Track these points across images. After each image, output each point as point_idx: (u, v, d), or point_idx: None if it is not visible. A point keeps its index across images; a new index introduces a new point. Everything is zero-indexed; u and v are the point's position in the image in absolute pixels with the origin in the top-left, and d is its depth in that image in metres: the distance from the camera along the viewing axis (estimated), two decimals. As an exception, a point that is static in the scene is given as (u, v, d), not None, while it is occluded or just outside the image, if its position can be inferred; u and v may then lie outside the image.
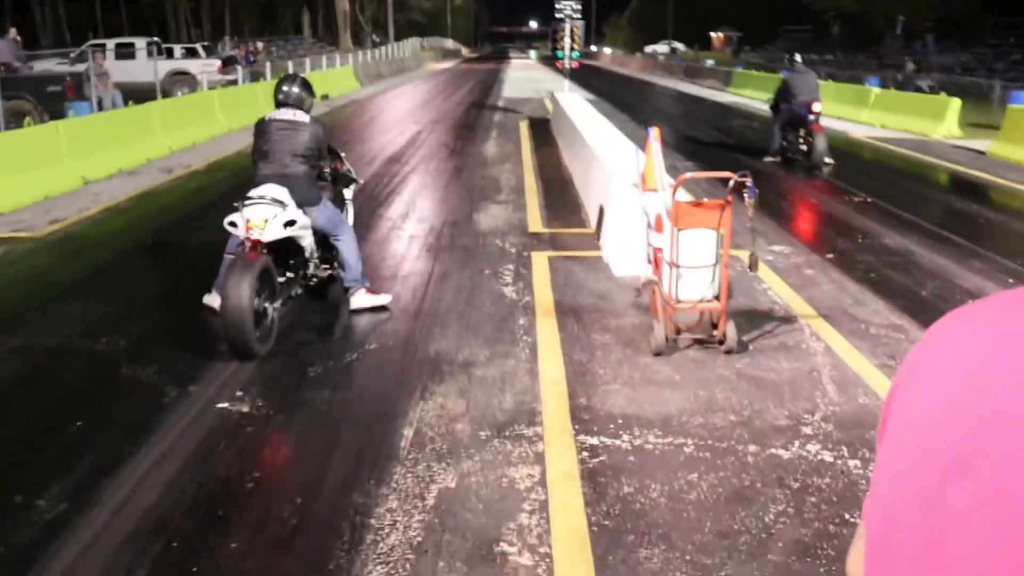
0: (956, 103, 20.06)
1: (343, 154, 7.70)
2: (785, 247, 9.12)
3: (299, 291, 6.95)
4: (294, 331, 6.57)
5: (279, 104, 6.97)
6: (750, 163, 15.27)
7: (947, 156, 16.39)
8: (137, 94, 20.96)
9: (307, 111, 6.99)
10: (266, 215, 6.23)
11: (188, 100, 19.44)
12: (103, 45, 32.03)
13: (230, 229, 6.34)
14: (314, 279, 7.11)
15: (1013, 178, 13.87)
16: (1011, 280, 8.03)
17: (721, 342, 6.07)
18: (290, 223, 6.37)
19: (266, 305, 6.12)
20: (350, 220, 7.82)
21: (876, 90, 23.93)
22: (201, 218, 10.22)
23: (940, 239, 9.58)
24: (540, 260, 8.51)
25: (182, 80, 29.91)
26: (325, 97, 29.31)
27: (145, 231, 10.20)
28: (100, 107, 19.71)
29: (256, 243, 6.18)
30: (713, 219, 5.87)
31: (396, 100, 30.49)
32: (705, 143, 18.47)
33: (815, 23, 58.00)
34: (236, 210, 6.32)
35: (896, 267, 8.43)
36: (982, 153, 16.63)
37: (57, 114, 17.78)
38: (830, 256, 8.79)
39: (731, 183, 5.76)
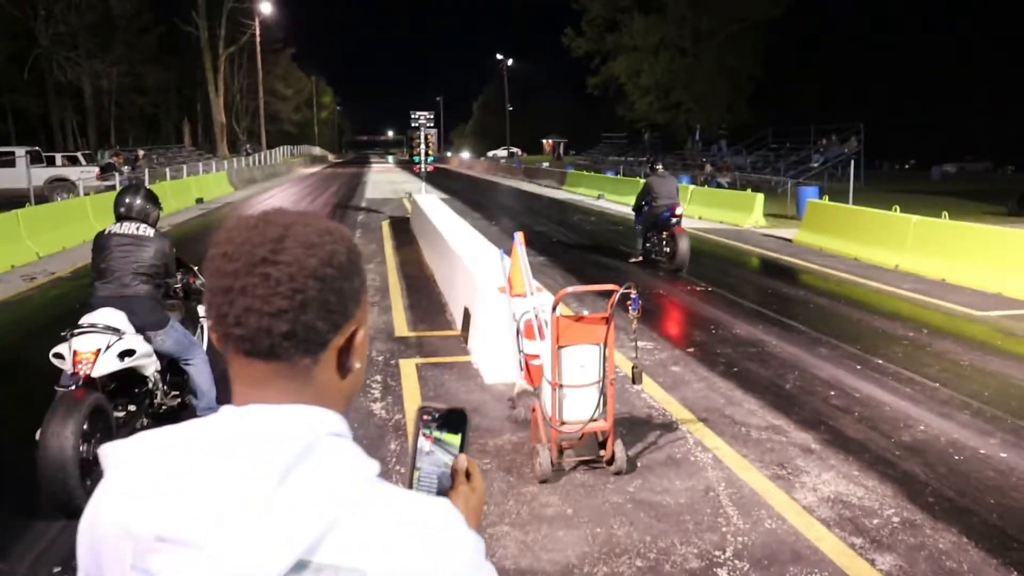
0: (760, 197, 20.03)
1: (196, 267, 6.22)
2: (647, 342, 8.09)
3: (145, 423, 5.40)
4: (136, 473, 5.00)
5: (120, 217, 5.49)
6: (598, 259, 14.44)
7: (762, 244, 16.04)
8: (16, 201, 18.60)
9: (152, 224, 5.53)
10: (97, 345, 4.73)
11: (59, 206, 17.29)
12: (-18, 154, 29.10)
13: (56, 363, 4.79)
14: (163, 407, 5.57)
15: (821, 263, 13.49)
16: (858, 366, 7.22)
17: (610, 463, 4.89)
18: (127, 353, 4.86)
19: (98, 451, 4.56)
20: (205, 339, 6.34)
21: (692, 187, 23.89)
22: (53, 332, 8.39)
23: (783, 326, 8.78)
24: (408, 369, 7.18)
25: (62, 186, 27.28)
26: (200, 201, 27.38)
27: (-11, 349, 8.31)
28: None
29: (86, 378, 4.66)
30: (597, 334, 4.73)
31: (266, 202, 28.67)
32: (550, 238, 17.60)
33: (629, 131, 59.35)
34: (64, 339, 4.81)
35: (754, 358, 7.51)
36: (789, 240, 16.37)
37: (-79, 223, 15.40)
38: (691, 350, 7.82)
39: (615, 295, 4.64)
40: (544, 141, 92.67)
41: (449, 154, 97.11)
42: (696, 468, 5.01)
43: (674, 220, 12.25)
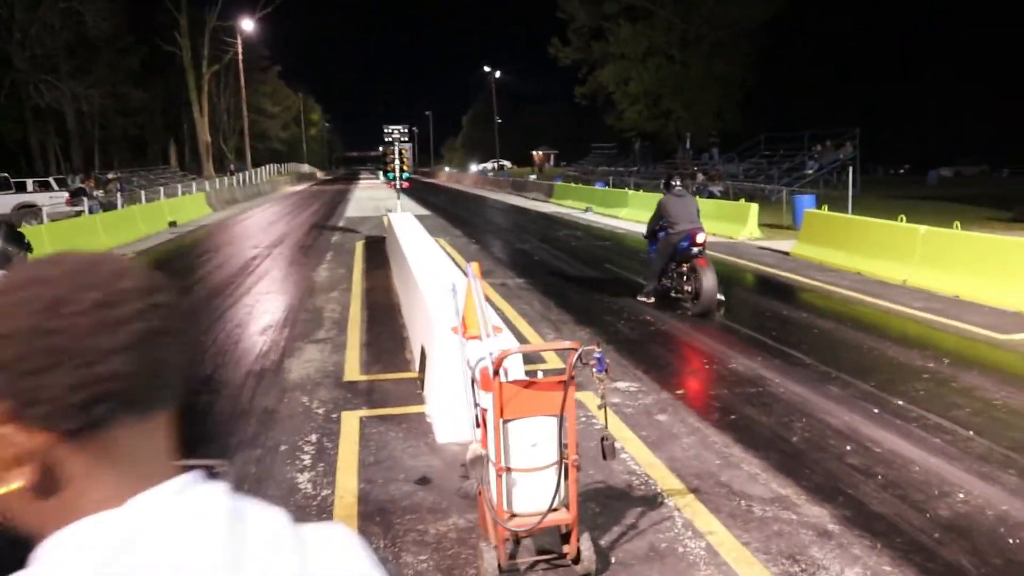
0: (755, 208, 19.04)
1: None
2: (631, 383, 7.05)
3: None
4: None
5: (-27, 262, 4.47)
6: (582, 280, 13.39)
7: (758, 259, 15.01)
8: None
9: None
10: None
11: (9, 236, 16.20)
12: (-53, 181, 28.04)
13: None
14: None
15: (823, 278, 12.48)
16: (876, 410, 6.18)
17: (576, 561, 3.85)
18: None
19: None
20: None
21: (682, 198, 22.85)
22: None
23: (786, 359, 7.74)
24: (350, 425, 6.12)
25: (30, 212, 26.23)
26: (173, 224, 26.30)
27: None
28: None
29: None
30: (552, 402, 3.68)
31: (243, 224, 27.58)
32: (532, 256, 16.57)
33: (619, 141, 58.46)
34: None
35: (754, 401, 6.47)
36: (787, 254, 15.37)
37: None
38: (680, 392, 6.77)
39: (572, 355, 3.61)
40: (534, 153, 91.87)
41: (448, 168, 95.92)
42: (685, 564, 3.96)
43: (695, 250, 9.95)
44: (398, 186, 20.28)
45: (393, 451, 5.55)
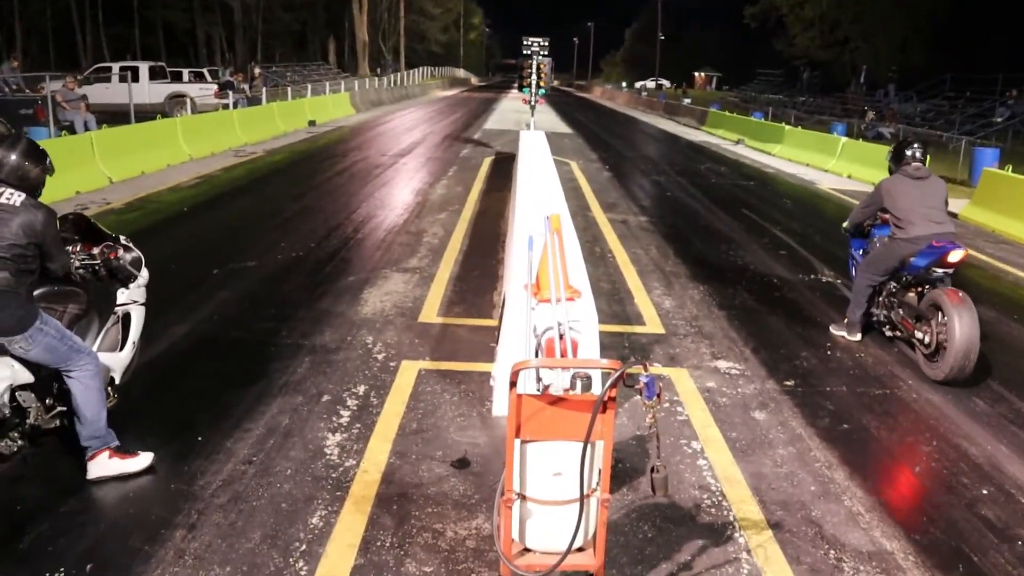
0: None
1: (124, 238, 4.72)
2: (734, 363, 6.14)
3: (15, 446, 4.06)
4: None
5: (-8, 179, 4.07)
6: (711, 223, 12.25)
7: (919, 218, 13.36)
8: (139, 116, 18.02)
9: (29, 190, 4.06)
10: None
11: (145, 127, 16.46)
12: (109, 68, 29.12)
13: None
14: (40, 429, 4.20)
15: (992, 251, 10.94)
16: (1030, 435, 5.07)
17: (599, 615, 3.14)
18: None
19: None
20: (134, 331, 4.84)
21: (844, 139, 20.88)
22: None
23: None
24: (406, 378, 5.55)
25: (180, 103, 26.96)
26: (312, 123, 26.46)
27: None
28: (72, 131, 16.90)
29: None
30: (579, 425, 2.91)
31: (379, 128, 27.42)
32: (665, 191, 15.46)
33: (787, 68, 54.89)
34: None
35: (876, 407, 5.46)
36: (954, 216, 13.62)
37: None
38: (790, 383, 5.81)
39: (614, 376, 2.81)
40: (697, 75, 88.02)
41: (609, 86, 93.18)
42: (740, 634, 3.19)
43: (940, 272, 6.14)
44: (532, 102, 19.41)
45: (440, 419, 4.94)
